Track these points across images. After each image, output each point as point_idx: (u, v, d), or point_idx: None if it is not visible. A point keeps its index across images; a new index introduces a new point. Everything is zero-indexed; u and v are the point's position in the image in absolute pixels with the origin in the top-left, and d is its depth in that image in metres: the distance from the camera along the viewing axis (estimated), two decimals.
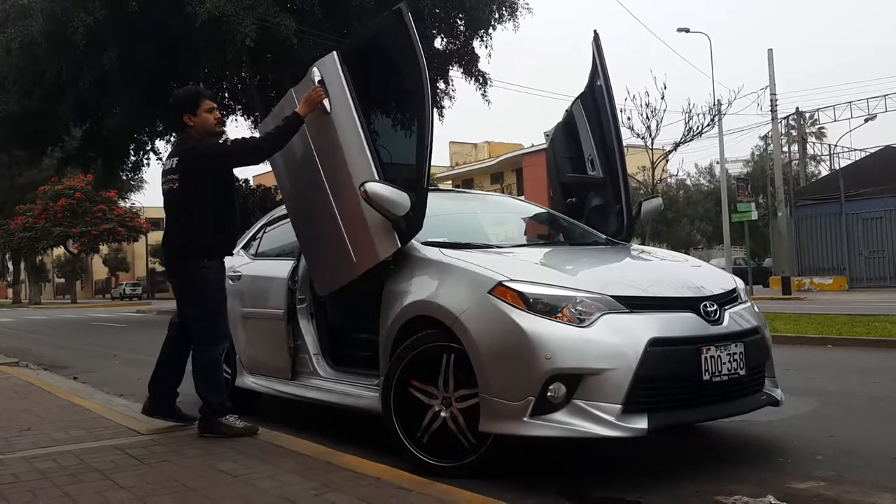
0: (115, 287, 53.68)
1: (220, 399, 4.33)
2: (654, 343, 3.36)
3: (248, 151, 4.40)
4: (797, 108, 36.91)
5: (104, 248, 53.98)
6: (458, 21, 22.42)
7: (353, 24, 20.22)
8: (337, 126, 4.25)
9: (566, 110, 5.80)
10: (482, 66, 23.23)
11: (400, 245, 3.98)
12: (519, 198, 8.10)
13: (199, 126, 4.39)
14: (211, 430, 4.28)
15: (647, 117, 19.51)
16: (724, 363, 3.55)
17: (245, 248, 5.74)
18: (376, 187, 3.87)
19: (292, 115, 4.30)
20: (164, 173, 4.41)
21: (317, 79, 4.35)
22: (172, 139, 25.05)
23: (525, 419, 3.31)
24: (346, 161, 4.18)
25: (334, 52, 4.39)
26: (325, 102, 4.27)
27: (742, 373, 3.64)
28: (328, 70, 4.34)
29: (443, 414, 3.63)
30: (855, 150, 34.15)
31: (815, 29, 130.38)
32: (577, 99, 5.64)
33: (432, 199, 4.04)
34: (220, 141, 4.49)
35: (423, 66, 3.89)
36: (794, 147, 38.21)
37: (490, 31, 22.53)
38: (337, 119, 4.25)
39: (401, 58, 4.18)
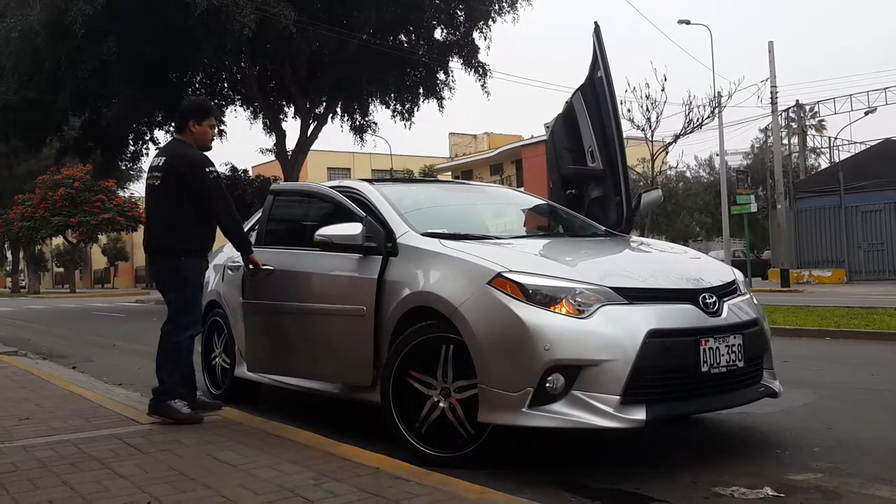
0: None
1: (173, 382, 4.47)
2: (653, 335, 3.36)
3: (221, 206, 4.55)
4: (797, 100, 36.69)
5: (103, 238, 53.89)
6: (459, 12, 22.37)
7: (353, 14, 20.19)
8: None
9: (566, 102, 5.79)
10: (482, 57, 23.21)
11: (380, 255, 4.07)
12: (518, 189, 8.09)
13: (198, 135, 4.67)
14: (158, 412, 4.43)
15: (648, 109, 19.51)
16: (723, 355, 3.56)
17: None
18: (325, 229, 4.21)
19: (249, 246, 4.73)
20: (150, 169, 4.67)
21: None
22: (171, 129, 25.16)
23: (524, 410, 3.31)
24: (296, 269, 4.63)
25: None
26: (268, 267, 4.71)
27: (740, 364, 3.65)
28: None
29: (441, 404, 3.63)
30: (855, 142, 34.09)
31: (815, 20, 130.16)
32: (577, 90, 5.62)
33: (432, 190, 4.05)
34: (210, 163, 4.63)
35: None
36: (794, 140, 38.13)
37: (490, 22, 22.50)
38: (277, 263, 4.75)
39: None
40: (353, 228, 4.16)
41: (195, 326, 4.64)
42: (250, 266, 4.72)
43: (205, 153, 4.66)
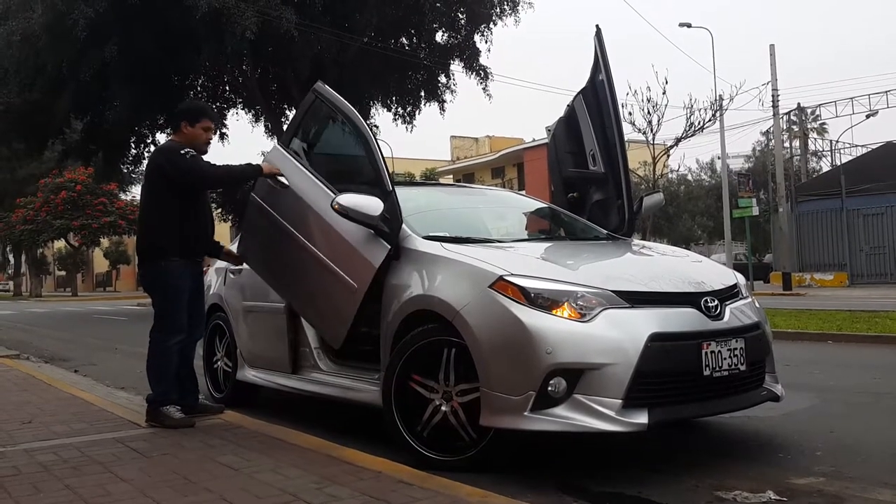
0: None
1: (162, 389, 4.46)
2: (655, 338, 3.36)
3: (202, 174, 4.50)
4: (799, 103, 36.76)
5: (105, 241, 53.96)
6: (460, 15, 22.41)
7: (355, 17, 20.22)
8: (295, 188, 4.51)
9: (568, 105, 5.78)
10: (483, 60, 23.25)
11: (388, 245, 4.00)
12: (520, 192, 8.09)
13: (191, 137, 4.60)
14: (150, 419, 4.44)
15: (649, 112, 19.53)
16: (725, 358, 3.56)
17: None
18: (346, 198, 4.03)
19: (254, 167, 4.58)
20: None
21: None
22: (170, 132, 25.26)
23: (525, 413, 3.31)
24: (310, 204, 4.38)
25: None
26: (282, 179, 4.51)
27: (742, 368, 3.65)
28: (276, 159, 4.67)
29: (443, 408, 3.62)
30: (856, 145, 34.10)
31: (816, 23, 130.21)
32: (578, 94, 5.62)
33: (433, 193, 4.04)
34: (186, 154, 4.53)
35: None
36: (796, 143, 38.17)
37: (491, 25, 22.54)
38: (293, 184, 4.52)
39: None
40: (374, 207, 3.99)
41: (180, 333, 4.51)
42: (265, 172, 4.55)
43: (184, 149, 4.51)
